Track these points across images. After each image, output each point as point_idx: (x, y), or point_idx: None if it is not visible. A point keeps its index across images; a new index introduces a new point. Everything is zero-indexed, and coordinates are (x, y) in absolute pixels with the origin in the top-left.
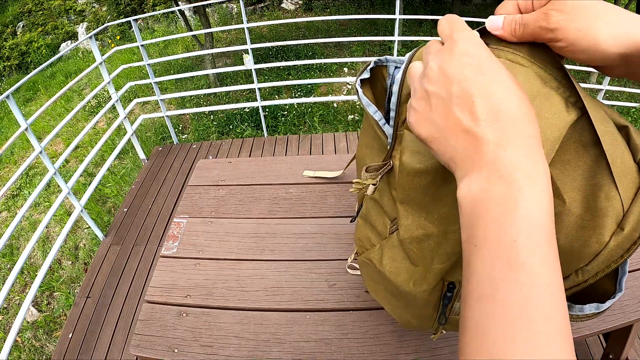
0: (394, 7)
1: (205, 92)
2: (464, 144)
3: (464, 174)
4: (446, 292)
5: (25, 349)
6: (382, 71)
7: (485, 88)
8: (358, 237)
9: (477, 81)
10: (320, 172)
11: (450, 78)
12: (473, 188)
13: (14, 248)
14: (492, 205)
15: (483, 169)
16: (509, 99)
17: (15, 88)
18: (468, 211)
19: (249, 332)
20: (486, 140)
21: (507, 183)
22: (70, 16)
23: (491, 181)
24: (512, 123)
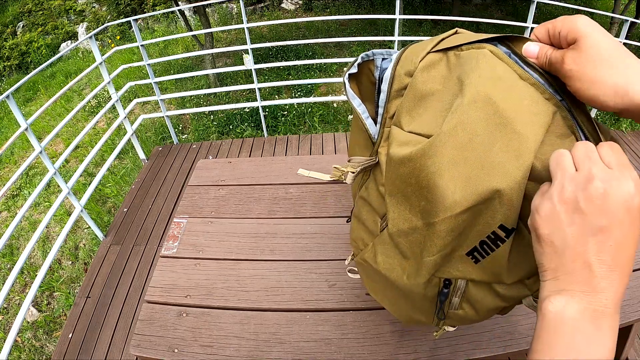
0: (394, 7)
1: (205, 92)
2: (578, 270)
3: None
4: (442, 289)
5: (25, 349)
6: (369, 66)
7: (625, 238)
8: (353, 239)
9: (623, 229)
10: (315, 173)
11: (606, 210)
12: (567, 312)
13: (14, 248)
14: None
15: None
16: (631, 256)
17: (15, 88)
18: (553, 327)
19: (249, 332)
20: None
21: (596, 326)
22: (70, 16)
23: (585, 317)
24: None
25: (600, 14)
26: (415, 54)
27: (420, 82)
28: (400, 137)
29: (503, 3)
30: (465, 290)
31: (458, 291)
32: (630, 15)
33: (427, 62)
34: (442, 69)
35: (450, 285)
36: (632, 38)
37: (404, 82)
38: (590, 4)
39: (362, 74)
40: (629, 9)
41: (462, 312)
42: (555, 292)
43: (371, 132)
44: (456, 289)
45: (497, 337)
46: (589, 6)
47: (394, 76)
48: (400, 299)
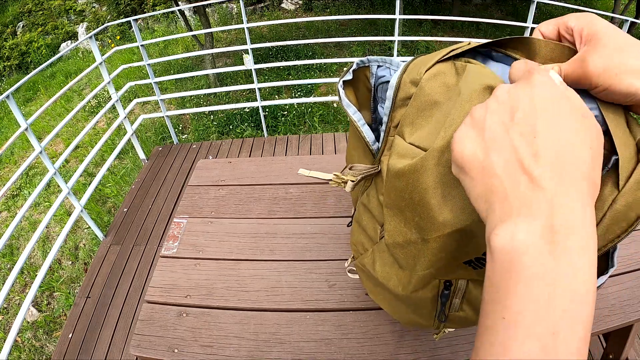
0: (394, 7)
1: (205, 92)
2: (514, 179)
3: (506, 217)
4: (443, 290)
5: (25, 349)
6: (364, 72)
7: (553, 128)
8: (353, 242)
9: (546, 117)
10: (315, 172)
11: (517, 103)
12: (518, 237)
13: (14, 248)
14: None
15: (534, 219)
16: (578, 148)
17: (15, 88)
18: (503, 267)
19: (249, 332)
20: (541, 187)
21: (561, 248)
22: (70, 16)
23: (542, 240)
24: (575, 176)
25: (600, 14)
26: (423, 63)
27: (425, 93)
28: (400, 149)
29: (503, 3)
30: (466, 291)
31: (459, 292)
32: (630, 15)
33: (434, 72)
34: (447, 78)
35: (451, 286)
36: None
37: (410, 91)
38: (590, 4)
39: (359, 80)
40: (629, 9)
41: (463, 313)
42: (500, 221)
43: (368, 139)
44: (457, 290)
45: None
46: (589, 6)
47: (399, 84)
48: (399, 303)
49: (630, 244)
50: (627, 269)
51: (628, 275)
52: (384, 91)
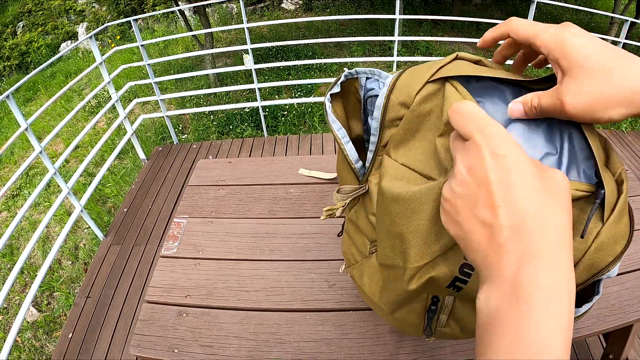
0: (394, 7)
1: (205, 92)
2: (486, 249)
3: (484, 280)
4: (430, 306)
5: (25, 349)
6: (354, 83)
7: (511, 196)
8: (344, 251)
9: (504, 187)
10: (316, 172)
11: (477, 181)
12: (491, 303)
13: (14, 248)
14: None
15: (502, 284)
16: (536, 209)
17: (15, 88)
18: (483, 324)
19: (249, 332)
20: (507, 251)
21: (526, 308)
22: (70, 16)
23: (510, 301)
24: (537, 237)
25: (600, 14)
26: (411, 85)
27: (416, 116)
28: (392, 170)
29: (503, 3)
30: (454, 307)
31: (446, 308)
32: (630, 15)
33: (424, 94)
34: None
35: (438, 302)
36: (632, 38)
37: (400, 113)
38: (590, 4)
39: (349, 91)
40: (629, 9)
41: (449, 329)
42: (482, 283)
43: (351, 158)
44: (444, 307)
45: None
46: (589, 6)
47: (387, 105)
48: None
49: (630, 244)
50: (627, 269)
51: (628, 275)
52: (373, 104)
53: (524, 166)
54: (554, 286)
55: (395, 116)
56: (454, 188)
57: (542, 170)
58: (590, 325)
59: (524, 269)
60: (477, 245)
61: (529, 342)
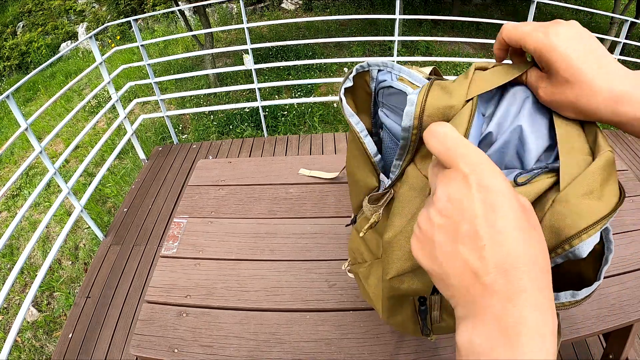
0: (394, 7)
1: (205, 92)
2: (468, 287)
3: (465, 317)
4: (419, 307)
5: (25, 349)
6: (364, 77)
7: (497, 231)
8: (351, 248)
9: (489, 222)
10: (316, 172)
11: (461, 213)
12: (476, 343)
13: (14, 248)
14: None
15: (487, 323)
16: (522, 248)
17: (15, 88)
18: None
19: (249, 332)
20: (493, 291)
21: (513, 346)
22: (70, 16)
23: (496, 340)
24: (523, 276)
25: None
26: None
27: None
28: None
29: (503, 3)
30: (442, 301)
31: (435, 304)
32: (630, 15)
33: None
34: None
35: (426, 300)
36: (632, 38)
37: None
38: (590, 4)
39: (358, 85)
40: (629, 9)
41: (445, 323)
42: (461, 320)
43: (370, 152)
44: (433, 303)
45: None
46: (589, 6)
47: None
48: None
49: (630, 244)
50: (627, 269)
51: (628, 275)
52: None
53: (511, 201)
54: (542, 325)
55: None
56: (432, 217)
57: (521, 202)
58: (590, 325)
59: (511, 308)
60: (456, 282)
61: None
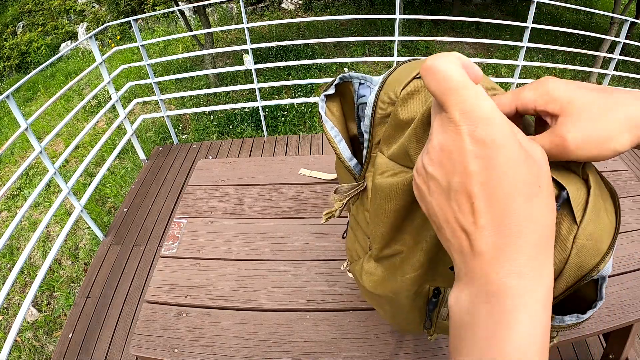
0: (394, 7)
1: (205, 92)
2: (459, 242)
3: (457, 275)
4: (431, 298)
5: (25, 349)
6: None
7: (490, 188)
8: (348, 247)
9: (482, 179)
10: (316, 173)
11: (452, 166)
12: (461, 301)
13: (14, 248)
14: (479, 328)
15: (474, 283)
16: (520, 206)
17: (15, 88)
18: (456, 321)
19: (249, 332)
20: (480, 251)
21: (495, 312)
22: (70, 16)
23: (479, 304)
24: (515, 238)
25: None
26: (398, 80)
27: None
28: (383, 167)
29: (503, 3)
30: None
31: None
32: (630, 15)
33: (409, 90)
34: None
35: (440, 294)
36: (632, 38)
37: (387, 110)
38: (590, 4)
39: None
40: (629, 9)
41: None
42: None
43: (344, 156)
44: (445, 299)
45: None
46: (589, 6)
47: (377, 103)
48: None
49: (630, 244)
50: (627, 269)
51: (628, 275)
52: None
53: (511, 154)
54: (528, 292)
55: (384, 113)
56: (425, 165)
57: (528, 156)
58: (590, 325)
59: (495, 274)
60: (450, 235)
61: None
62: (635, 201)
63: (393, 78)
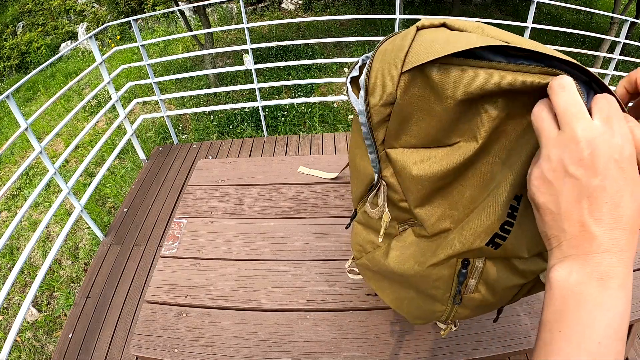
0: (394, 7)
1: (205, 92)
2: (577, 234)
3: (565, 258)
4: (461, 269)
5: (25, 349)
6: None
7: (619, 194)
8: (357, 242)
9: (617, 185)
10: (315, 171)
11: (597, 170)
12: (572, 278)
13: (14, 248)
14: (587, 303)
15: (587, 266)
16: (631, 211)
17: (15, 88)
18: (560, 296)
19: (249, 332)
20: (599, 243)
21: (604, 288)
22: (70, 16)
23: (591, 280)
24: (627, 235)
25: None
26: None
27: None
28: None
29: (503, 3)
30: (483, 270)
31: (475, 272)
32: (630, 15)
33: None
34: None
35: (469, 265)
36: (632, 38)
37: (385, 112)
38: (590, 4)
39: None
40: (629, 9)
41: (478, 295)
42: (559, 260)
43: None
44: (474, 269)
45: (497, 337)
46: (589, 6)
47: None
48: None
49: None
50: None
51: None
52: None
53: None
54: (627, 278)
55: (382, 117)
56: (568, 166)
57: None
58: None
59: (608, 258)
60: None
61: (606, 320)
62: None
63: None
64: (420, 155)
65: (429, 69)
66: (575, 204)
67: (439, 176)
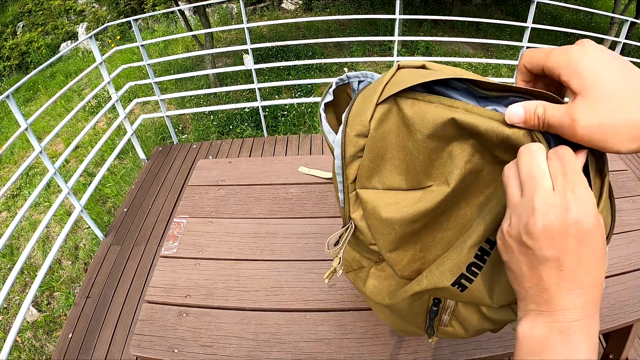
0: (394, 7)
1: (205, 92)
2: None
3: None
4: (432, 307)
5: (25, 349)
6: (346, 89)
7: (578, 262)
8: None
9: (575, 255)
10: (315, 171)
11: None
12: (535, 332)
13: (14, 248)
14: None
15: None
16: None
17: (15, 88)
18: (525, 349)
19: (249, 332)
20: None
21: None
22: (70, 16)
23: (553, 334)
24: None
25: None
26: (362, 113)
27: (377, 140)
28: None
29: (503, 3)
30: (455, 310)
31: (447, 309)
32: (630, 15)
33: (378, 117)
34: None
35: (440, 303)
36: (632, 38)
37: (359, 144)
38: (590, 4)
39: (341, 98)
40: (629, 9)
41: (452, 329)
42: (525, 313)
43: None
44: (446, 307)
45: (497, 337)
46: (589, 6)
47: (345, 141)
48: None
49: (630, 244)
50: (627, 269)
51: (628, 275)
52: None
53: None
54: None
55: (356, 149)
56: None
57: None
58: None
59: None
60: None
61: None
62: (635, 201)
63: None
64: (391, 198)
65: (402, 103)
66: (531, 270)
67: (409, 220)
